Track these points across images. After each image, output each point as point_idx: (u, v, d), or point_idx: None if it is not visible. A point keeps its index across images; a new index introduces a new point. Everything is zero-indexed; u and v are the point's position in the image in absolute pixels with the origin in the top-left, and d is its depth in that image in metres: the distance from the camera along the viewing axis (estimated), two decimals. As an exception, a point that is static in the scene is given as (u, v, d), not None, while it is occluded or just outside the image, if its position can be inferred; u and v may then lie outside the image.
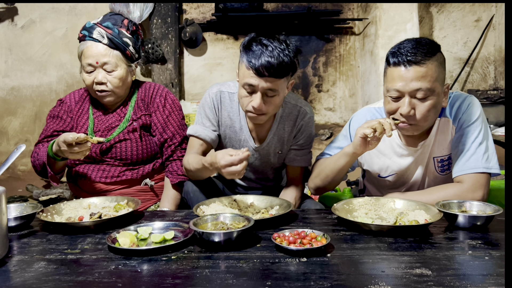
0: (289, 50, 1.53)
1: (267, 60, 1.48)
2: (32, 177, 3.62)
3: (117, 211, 1.51)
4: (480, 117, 1.55)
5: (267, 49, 1.50)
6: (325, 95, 3.83)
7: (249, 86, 1.54)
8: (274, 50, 1.50)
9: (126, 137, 1.88)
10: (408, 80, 1.43)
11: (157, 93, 1.95)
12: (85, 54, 1.82)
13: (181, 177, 1.88)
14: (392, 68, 1.47)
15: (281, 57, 1.50)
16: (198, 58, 3.78)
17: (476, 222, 1.30)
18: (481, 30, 3.81)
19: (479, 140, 1.53)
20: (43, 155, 1.78)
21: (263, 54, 1.49)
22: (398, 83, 1.45)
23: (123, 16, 1.91)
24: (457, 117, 1.56)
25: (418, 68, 1.42)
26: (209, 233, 1.19)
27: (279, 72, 1.51)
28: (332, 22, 3.71)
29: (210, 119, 1.76)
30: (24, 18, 3.67)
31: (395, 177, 1.68)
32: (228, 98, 1.76)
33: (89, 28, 1.83)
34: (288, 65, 1.52)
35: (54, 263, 1.12)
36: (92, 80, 1.82)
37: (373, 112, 1.69)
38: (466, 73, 3.90)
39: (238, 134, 1.77)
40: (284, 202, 1.54)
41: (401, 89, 1.45)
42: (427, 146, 1.60)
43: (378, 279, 0.98)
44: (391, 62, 1.47)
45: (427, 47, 1.44)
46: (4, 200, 1.14)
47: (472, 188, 1.50)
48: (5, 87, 3.71)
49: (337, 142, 1.76)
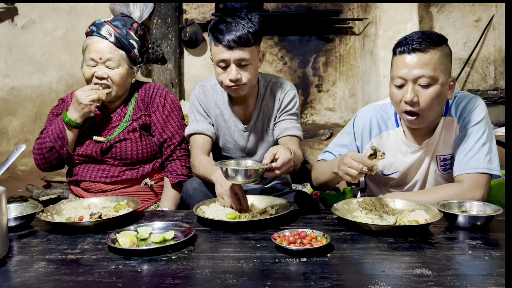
0: (253, 22, 1.66)
1: (233, 32, 1.62)
2: (32, 177, 3.61)
3: (117, 211, 1.51)
4: (485, 118, 1.55)
5: (231, 24, 1.63)
6: (325, 95, 3.83)
7: (222, 61, 1.66)
8: (238, 24, 1.63)
9: (126, 137, 1.89)
10: (412, 67, 1.45)
11: (156, 93, 1.95)
12: (89, 49, 1.82)
13: (180, 176, 1.88)
14: (397, 56, 1.50)
15: (245, 28, 1.63)
16: (198, 58, 3.78)
17: (476, 222, 1.30)
18: (481, 30, 3.81)
19: (482, 140, 1.53)
20: (53, 131, 1.84)
21: (228, 29, 1.63)
22: (402, 70, 1.47)
23: (134, 20, 1.93)
24: (462, 117, 1.56)
25: (422, 55, 1.45)
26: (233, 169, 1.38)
27: (245, 41, 1.63)
28: (332, 22, 3.71)
29: (201, 113, 1.88)
30: (24, 18, 3.67)
31: (398, 175, 1.68)
32: (211, 90, 1.88)
33: (98, 24, 1.84)
34: (252, 33, 1.64)
35: (54, 263, 1.12)
36: (92, 73, 1.82)
37: (378, 109, 1.70)
38: (466, 73, 3.90)
39: (227, 120, 1.87)
40: (284, 202, 1.54)
41: (404, 76, 1.47)
42: (431, 144, 1.60)
43: (378, 279, 0.98)
44: (397, 51, 1.50)
45: (433, 37, 1.47)
46: (4, 200, 1.14)
47: (472, 187, 1.50)
48: (5, 87, 3.71)
49: (340, 139, 1.76)
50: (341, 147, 1.73)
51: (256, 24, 1.66)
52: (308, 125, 3.82)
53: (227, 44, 1.62)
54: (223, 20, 1.67)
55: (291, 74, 3.77)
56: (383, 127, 1.67)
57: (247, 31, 1.63)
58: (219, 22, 1.67)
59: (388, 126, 1.67)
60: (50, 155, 1.87)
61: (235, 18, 1.66)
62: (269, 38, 3.75)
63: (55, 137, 1.83)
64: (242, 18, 1.66)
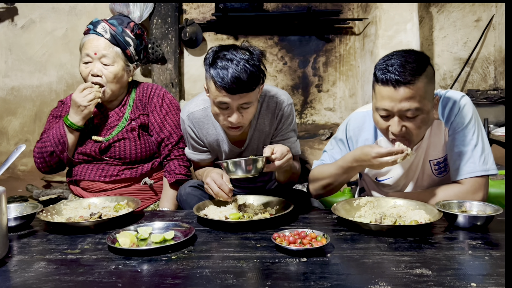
0: (254, 59, 1.51)
1: (236, 76, 1.45)
2: (32, 177, 3.61)
3: (117, 211, 1.51)
4: (473, 118, 1.53)
5: (233, 63, 1.47)
6: (325, 95, 3.82)
7: (222, 104, 1.53)
8: (240, 62, 1.47)
9: (124, 136, 1.89)
10: (397, 101, 1.39)
11: (154, 93, 1.96)
12: (85, 46, 1.85)
13: (178, 176, 1.89)
14: (380, 86, 1.42)
15: (248, 68, 1.47)
16: (198, 58, 3.77)
17: (476, 222, 1.30)
18: (481, 30, 3.81)
19: (474, 142, 1.51)
20: (54, 135, 1.84)
21: (230, 70, 1.46)
22: (386, 103, 1.41)
23: (131, 19, 1.93)
24: (450, 120, 1.54)
25: (407, 89, 1.37)
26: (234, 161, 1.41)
27: (249, 86, 1.49)
28: (332, 22, 3.70)
29: (195, 145, 1.82)
30: (24, 18, 3.66)
31: (392, 181, 1.67)
32: (200, 116, 1.76)
33: (95, 22, 1.86)
34: (257, 75, 1.51)
35: (54, 263, 1.12)
36: (88, 72, 1.84)
37: (368, 117, 1.65)
38: (466, 73, 3.89)
39: (222, 145, 1.79)
40: (284, 202, 1.54)
41: (390, 109, 1.42)
42: (421, 149, 1.59)
43: (378, 279, 0.98)
44: (379, 79, 1.42)
45: (416, 64, 1.39)
46: (4, 200, 1.14)
47: (472, 190, 1.50)
48: (5, 87, 3.71)
49: (333, 148, 1.73)
50: (333, 158, 1.70)
51: (258, 60, 1.53)
52: (308, 125, 3.82)
53: (230, 90, 1.48)
54: (223, 56, 1.50)
55: (291, 74, 3.77)
56: (375, 134, 1.65)
57: (250, 72, 1.47)
58: (219, 58, 1.50)
59: (379, 134, 1.63)
60: (51, 159, 1.87)
61: (236, 53, 1.50)
62: (269, 38, 3.75)
63: (56, 142, 1.83)
64: (243, 52, 1.51)
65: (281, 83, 3.76)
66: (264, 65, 1.57)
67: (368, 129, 1.66)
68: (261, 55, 1.56)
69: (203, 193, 1.74)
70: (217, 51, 1.53)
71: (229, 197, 1.53)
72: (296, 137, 1.84)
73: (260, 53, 1.56)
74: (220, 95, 1.51)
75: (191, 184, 1.80)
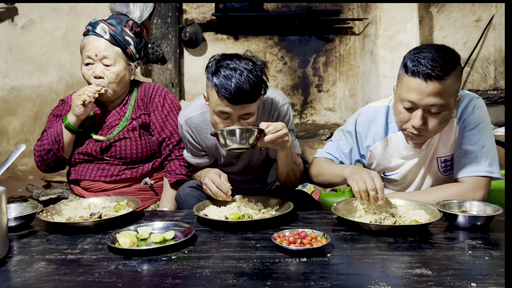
0: (257, 69, 1.49)
1: (239, 86, 1.43)
2: (32, 177, 3.62)
3: (117, 211, 1.51)
4: (484, 120, 1.53)
5: (236, 72, 1.45)
6: (325, 95, 3.82)
7: (223, 114, 1.51)
8: (243, 72, 1.45)
9: (125, 135, 1.89)
10: (425, 95, 1.38)
11: (156, 93, 1.96)
12: (86, 48, 1.84)
13: (179, 176, 1.89)
14: (410, 77, 1.40)
15: (251, 79, 1.45)
16: (198, 58, 3.77)
17: (476, 222, 1.30)
18: (481, 30, 3.81)
19: (482, 143, 1.52)
20: (52, 134, 1.85)
21: (233, 80, 1.44)
22: (413, 95, 1.40)
23: (130, 17, 1.93)
24: (462, 118, 1.55)
25: (437, 84, 1.36)
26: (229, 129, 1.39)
27: (252, 97, 1.47)
28: (332, 22, 3.70)
29: (193, 149, 1.81)
30: (24, 18, 3.67)
31: (399, 176, 1.68)
32: (199, 120, 1.74)
33: (93, 23, 1.86)
34: (259, 86, 1.49)
35: (54, 263, 1.12)
36: (91, 74, 1.84)
37: (381, 111, 1.66)
38: (466, 73, 3.89)
39: (220, 148, 1.77)
40: (284, 202, 1.54)
41: (416, 102, 1.40)
42: (431, 145, 1.60)
43: (378, 279, 0.98)
44: (409, 70, 1.40)
45: (448, 61, 1.37)
46: (4, 200, 1.14)
47: (473, 188, 1.50)
48: (5, 87, 3.71)
49: (340, 139, 1.74)
50: (339, 150, 1.72)
51: (260, 71, 1.50)
52: (308, 125, 3.82)
53: (232, 100, 1.45)
54: (226, 65, 1.48)
55: (291, 74, 3.77)
56: (386, 130, 1.66)
57: (253, 83, 1.45)
58: (222, 67, 1.48)
59: (389, 130, 1.65)
60: (48, 157, 1.88)
61: (239, 63, 1.47)
62: (269, 38, 3.75)
63: (52, 140, 1.85)
64: (246, 61, 1.49)
65: (281, 83, 3.76)
66: (266, 75, 1.54)
67: (378, 125, 1.66)
68: (263, 66, 1.54)
69: (202, 193, 1.74)
70: (220, 59, 1.51)
71: (227, 196, 1.53)
72: (295, 136, 1.83)
73: (263, 63, 1.54)
74: (221, 105, 1.48)
75: (190, 185, 1.80)
